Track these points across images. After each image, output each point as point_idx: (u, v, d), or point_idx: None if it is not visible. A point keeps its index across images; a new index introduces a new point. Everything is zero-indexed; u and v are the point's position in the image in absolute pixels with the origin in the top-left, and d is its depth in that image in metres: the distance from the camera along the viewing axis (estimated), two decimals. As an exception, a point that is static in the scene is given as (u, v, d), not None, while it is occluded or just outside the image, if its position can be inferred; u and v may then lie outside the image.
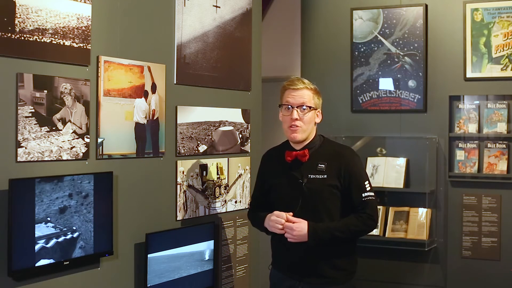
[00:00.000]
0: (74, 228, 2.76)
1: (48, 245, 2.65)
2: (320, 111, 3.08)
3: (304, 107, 2.98)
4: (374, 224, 3.00)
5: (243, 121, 3.91)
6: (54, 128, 2.73)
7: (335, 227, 2.94)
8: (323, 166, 2.99)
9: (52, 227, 2.66)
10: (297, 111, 2.98)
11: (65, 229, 2.72)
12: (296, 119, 2.97)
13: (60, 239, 2.70)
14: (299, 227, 2.92)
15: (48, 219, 2.64)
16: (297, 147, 3.05)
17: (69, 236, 2.74)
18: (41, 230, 2.61)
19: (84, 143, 2.87)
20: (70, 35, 2.80)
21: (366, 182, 3.02)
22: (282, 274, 3.07)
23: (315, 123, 3.07)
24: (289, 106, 2.99)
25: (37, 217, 2.59)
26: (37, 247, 2.60)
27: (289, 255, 3.02)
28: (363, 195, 2.99)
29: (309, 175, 2.99)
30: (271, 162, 3.17)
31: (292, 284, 3.03)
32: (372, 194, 3.01)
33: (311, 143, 3.05)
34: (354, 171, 3.02)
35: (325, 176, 2.98)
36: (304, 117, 2.98)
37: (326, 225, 2.95)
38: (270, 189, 3.11)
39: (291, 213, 2.96)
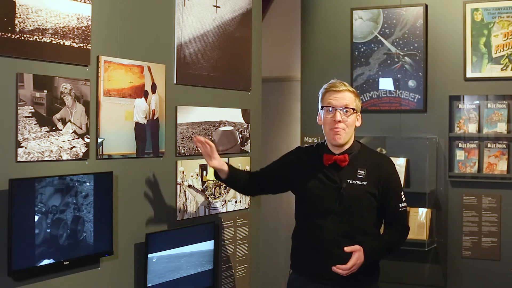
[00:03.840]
0: (74, 228, 2.75)
1: (48, 245, 2.65)
2: (360, 115, 3.03)
3: (347, 109, 2.94)
4: (407, 235, 3.09)
5: (243, 121, 3.91)
6: (54, 128, 2.73)
7: (383, 247, 2.98)
8: (363, 172, 2.96)
9: (52, 227, 2.66)
10: (340, 113, 2.93)
11: (66, 228, 2.72)
12: (340, 121, 2.92)
13: (60, 239, 2.70)
14: (360, 260, 2.86)
15: (48, 219, 2.64)
16: (336, 151, 3.00)
17: (69, 236, 2.74)
18: (41, 230, 2.61)
19: (84, 143, 2.87)
20: (70, 35, 2.80)
21: (402, 193, 3.04)
22: (308, 278, 3.00)
23: (354, 127, 3.02)
24: (331, 108, 2.95)
25: (37, 217, 2.59)
26: (37, 247, 2.60)
27: (321, 260, 2.93)
28: (400, 205, 3.01)
29: (348, 181, 2.95)
30: (302, 161, 3.09)
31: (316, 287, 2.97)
32: (406, 204, 3.05)
33: (350, 148, 3.01)
34: (393, 182, 3.03)
35: (365, 183, 2.95)
36: (348, 119, 2.94)
37: (375, 246, 2.94)
38: (299, 190, 3.06)
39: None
